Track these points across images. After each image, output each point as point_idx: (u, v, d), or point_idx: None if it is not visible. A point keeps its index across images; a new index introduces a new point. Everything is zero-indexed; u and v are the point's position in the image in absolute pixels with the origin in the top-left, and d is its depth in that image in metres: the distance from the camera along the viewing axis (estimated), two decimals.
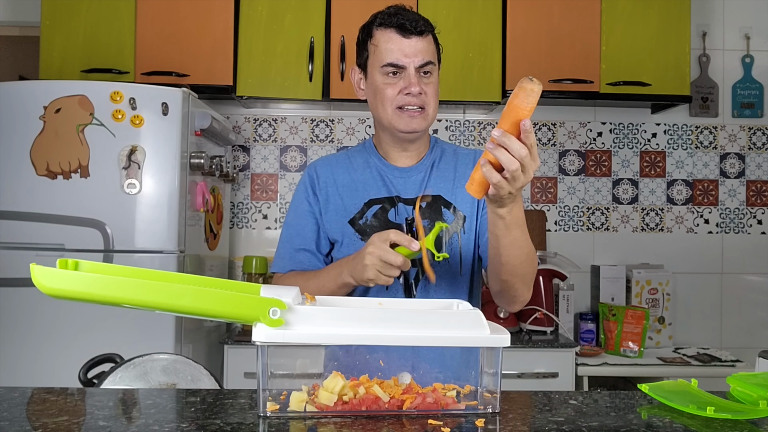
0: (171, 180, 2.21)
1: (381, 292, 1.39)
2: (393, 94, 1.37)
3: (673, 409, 0.94)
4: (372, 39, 1.40)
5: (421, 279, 1.40)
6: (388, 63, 1.36)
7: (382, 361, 0.96)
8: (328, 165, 1.49)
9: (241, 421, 0.87)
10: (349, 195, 1.44)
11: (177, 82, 2.58)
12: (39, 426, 0.84)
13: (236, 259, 2.93)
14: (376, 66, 1.39)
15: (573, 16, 2.74)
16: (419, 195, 1.43)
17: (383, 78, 1.38)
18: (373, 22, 1.41)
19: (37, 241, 2.18)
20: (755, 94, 3.12)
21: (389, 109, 1.38)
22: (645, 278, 2.89)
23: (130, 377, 1.24)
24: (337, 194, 1.45)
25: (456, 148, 1.53)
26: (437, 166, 1.47)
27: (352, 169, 1.47)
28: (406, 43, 1.36)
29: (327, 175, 1.47)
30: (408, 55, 1.36)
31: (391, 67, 1.36)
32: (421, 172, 1.46)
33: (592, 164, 3.09)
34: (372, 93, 1.42)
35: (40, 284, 0.79)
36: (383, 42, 1.37)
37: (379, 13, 1.41)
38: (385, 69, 1.37)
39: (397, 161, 1.47)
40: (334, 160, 1.50)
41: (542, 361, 2.49)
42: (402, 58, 1.36)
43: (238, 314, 0.85)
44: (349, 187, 1.45)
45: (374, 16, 1.42)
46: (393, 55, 1.36)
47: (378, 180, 1.45)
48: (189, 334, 2.31)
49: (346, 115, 3.04)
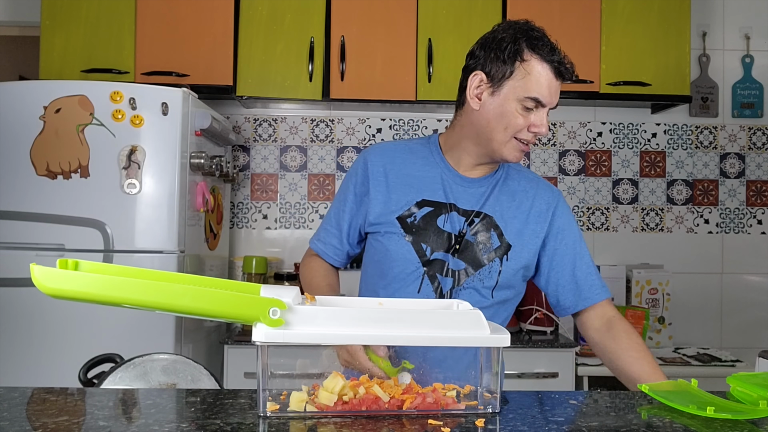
0: (171, 180, 2.21)
1: (412, 295, 1.38)
2: (522, 125, 1.33)
3: (673, 409, 0.94)
4: (525, 63, 1.32)
5: (454, 290, 1.38)
6: (535, 98, 1.31)
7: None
8: (384, 153, 1.46)
9: (241, 421, 0.87)
10: (402, 188, 1.41)
11: (177, 82, 2.58)
12: (39, 426, 0.84)
13: (236, 259, 2.93)
14: (518, 92, 1.32)
15: (573, 16, 2.74)
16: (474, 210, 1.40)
17: (519, 107, 1.32)
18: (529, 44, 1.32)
19: (37, 241, 2.18)
20: (755, 94, 3.12)
21: (508, 137, 1.34)
22: (645, 278, 2.89)
23: (130, 377, 1.24)
24: (386, 184, 1.42)
25: (521, 169, 1.51)
26: (501, 185, 1.45)
27: (411, 162, 1.44)
28: (555, 86, 1.33)
29: (381, 164, 1.44)
30: (552, 97, 1.34)
31: (534, 102, 1.32)
32: (483, 186, 1.43)
33: (592, 164, 3.09)
34: (497, 112, 1.34)
35: (40, 284, 0.79)
36: (538, 74, 1.31)
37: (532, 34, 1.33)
38: (527, 101, 1.32)
39: (465, 171, 1.44)
40: (393, 148, 1.47)
41: (542, 361, 2.49)
42: (547, 97, 1.33)
43: (238, 314, 0.85)
44: (403, 180, 1.42)
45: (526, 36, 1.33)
46: (542, 92, 1.31)
47: (437, 182, 1.42)
48: (189, 334, 2.31)
49: (346, 115, 3.04)
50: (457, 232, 1.39)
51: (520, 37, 1.33)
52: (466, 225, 1.39)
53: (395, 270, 1.39)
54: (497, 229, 1.40)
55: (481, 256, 1.38)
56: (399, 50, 2.70)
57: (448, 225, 1.39)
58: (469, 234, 1.38)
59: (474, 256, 1.38)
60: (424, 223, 1.39)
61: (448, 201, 1.41)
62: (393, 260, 1.39)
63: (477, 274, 1.38)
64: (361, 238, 1.50)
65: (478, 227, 1.39)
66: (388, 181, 1.42)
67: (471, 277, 1.38)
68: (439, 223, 1.39)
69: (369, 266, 1.48)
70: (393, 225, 1.40)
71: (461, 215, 1.40)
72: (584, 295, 1.43)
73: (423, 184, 1.42)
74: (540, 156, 3.08)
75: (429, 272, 1.38)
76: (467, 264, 1.38)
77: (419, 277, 1.38)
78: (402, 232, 1.39)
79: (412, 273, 1.38)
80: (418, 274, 1.38)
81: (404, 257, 1.38)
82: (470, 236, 1.38)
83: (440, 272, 1.38)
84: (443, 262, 1.38)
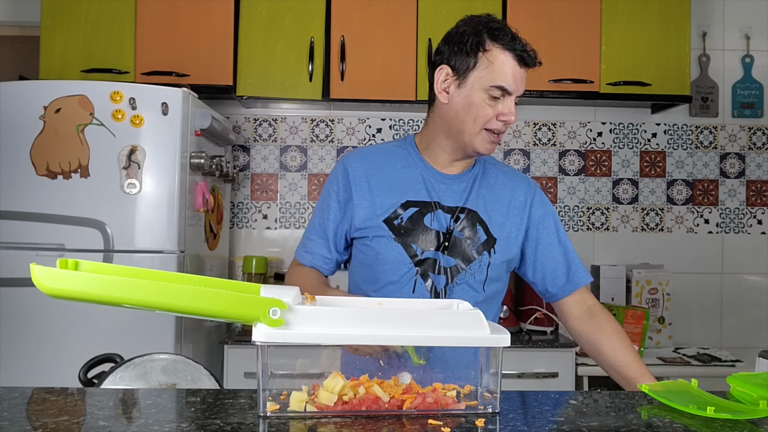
0: (171, 180, 2.21)
1: (407, 296, 1.39)
2: (491, 115, 1.35)
3: (673, 409, 0.94)
4: (487, 53, 1.34)
5: (448, 287, 1.39)
6: (500, 86, 1.33)
7: (382, 361, 0.96)
8: (363, 158, 1.46)
9: (241, 421, 0.87)
10: (385, 191, 1.42)
11: (177, 82, 2.58)
12: (39, 426, 0.84)
13: (236, 259, 2.93)
14: (483, 82, 1.34)
15: (573, 16, 2.74)
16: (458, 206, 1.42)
17: (486, 97, 1.34)
18: (490, 35, 1.35)
19: (37, 241, 2.18)
20: (755, 94, 3.12)
21: (478, 128, 1.36)
22: (645, 278, 2.89)
23: (130, 377, 1.24)
24: (368, 189, 1.42)
25: (497, 163, 1.52)
26: (480, 180, 1.46)
27: (390, 165, 1.45)
28: (519, 73, 1.35)
29: (361, 169, 1.44)
30: (518, 84, 1.35)
31: (500, 91, 1.34)
32: (464, 181, 1.45)
33: (592, 164, 3.09)
34: (465, 104, 1.36)
35: (40, 284, 0.79)
36: (500, 63, 1.33)
37: (492, 26, 1.36)
38: (493, 90, 1.34)
39: (443, 167, 1.45)
40: (371, 153, 1.47)
41: (542, 361, 2.49)
42: (512, 85, 1.34)
43: (238, 314, 0.85)
44: (385, 183, 1.43)
45: (486, 27, 1.35)
46: (507, 80, 1.33)
47: (419, 182, 1.43)
48: (189, 334, 2.31)
49: (346, 115, 3.04)
50: (445, 230, 1.40)
51: (481, 29, 1.35)
52: (452, 221, 1.40)
53: (388, 273, 1.39)
54: (482, 223, 1.42)
55: (470, 251, 1.40)
56: (399, 50, 2.70)
57: (435, 223, 1.40)
58: (456, 230, 1.40)
59: (463, 252, 1.40)
60: (411, 224, 1.40)
61: (432, 199, 1.42)
62: (385, 263, 1.40)
63: (468, 269, 1.40)
64: (347, 244, 1.49)
65: (464, 223, 1.41)
66: (371, 186, 1.43)
67: (463, 273, 1.40)
68: (426, 222, 1.40)
69: (358, 271, 1.48)
70: (380, 228, 1.40)
71: (446, 212, 1.41)
72: (572, 280, 1.46)
73: (405, 185, 1.43)
74: (540, 156, 3.08)
75: (421, 272, 1.39)
76: (458, 260, 1.40)
77: (412, 278, 1.39)
78: (390, 234, 1.40)
79: (405, 274, 1.39)
80: (411, 274, 1.39)
81: (396, 259, 1.39)
82: (457, 232, 1.40)
83: (433, 271, 1.39)
84: (435, 261, 1.39)
